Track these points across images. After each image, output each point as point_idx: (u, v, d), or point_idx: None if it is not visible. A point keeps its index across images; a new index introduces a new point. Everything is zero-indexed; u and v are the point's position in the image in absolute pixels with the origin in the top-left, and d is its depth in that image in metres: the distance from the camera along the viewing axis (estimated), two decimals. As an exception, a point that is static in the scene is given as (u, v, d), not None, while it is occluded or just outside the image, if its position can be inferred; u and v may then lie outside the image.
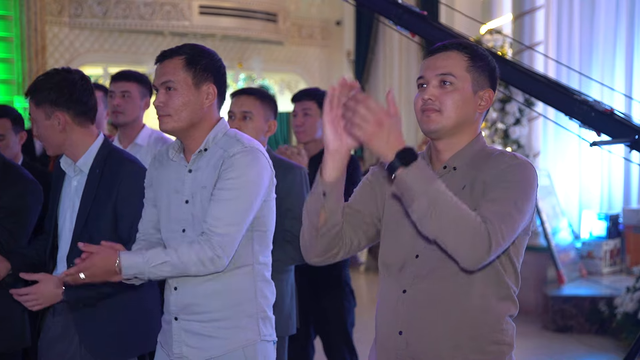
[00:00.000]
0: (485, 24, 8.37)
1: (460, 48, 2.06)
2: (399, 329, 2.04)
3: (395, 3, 4.34)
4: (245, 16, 12.80)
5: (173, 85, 2.35)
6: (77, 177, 2.77)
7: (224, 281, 2.35)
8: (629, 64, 7.96)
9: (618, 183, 8.07)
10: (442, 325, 1.99)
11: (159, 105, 2.36)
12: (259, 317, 2.39)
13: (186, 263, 2.27)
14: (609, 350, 6.00)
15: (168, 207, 2.42)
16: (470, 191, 1.98)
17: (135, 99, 3.78)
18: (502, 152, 2.07)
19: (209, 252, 2.27)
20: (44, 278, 2.56)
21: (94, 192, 2.70)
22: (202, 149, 2.38)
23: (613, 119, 3.94)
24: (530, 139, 8.02)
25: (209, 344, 2.35)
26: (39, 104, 2.71)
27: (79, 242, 2.66)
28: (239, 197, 2.31)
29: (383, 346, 2.10)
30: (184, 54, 2.38)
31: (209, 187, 2.34)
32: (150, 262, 2.27)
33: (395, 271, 2.07)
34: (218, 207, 2.30)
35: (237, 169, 2.31)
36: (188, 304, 2.37)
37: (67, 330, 2.72)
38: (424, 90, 2.04)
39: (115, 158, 2.76)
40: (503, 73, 4.34)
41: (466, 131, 2.07)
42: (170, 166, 2.46)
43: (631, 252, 7.40)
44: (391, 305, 2.07)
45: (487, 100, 2.07)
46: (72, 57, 12.06)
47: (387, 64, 12.93)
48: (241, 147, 2.35)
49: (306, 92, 4.03)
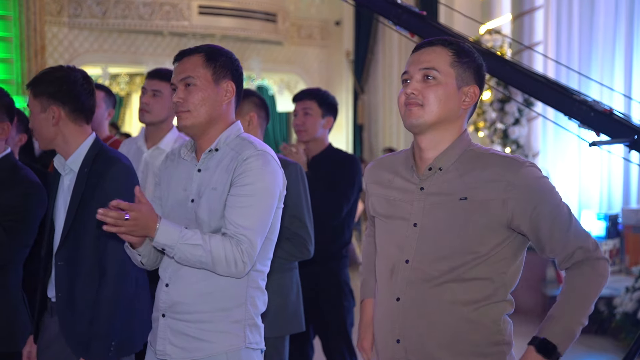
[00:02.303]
0: (485, 24, 8.37)
1: (445, 44, 2.05)
2: (397, 337, 2.03)
3: (394, 3, 4.34)
4: (245, 16, 12.81)
5: (193, 82, 2.35)
6: (69, 176, 2.76)
7: (217, 284, 2.32)
8: (628, 63, 7.96)
9: (617, 183, 8.08)
10: (440, 332, 1.99)
11: (178, 102, 2.35)
12: (247, 324, 2.36)
13: (215, 257, 2.24)
14: (608, 350, 6.00)
15: (173, 205, 2.41)
16: (482, 207, 1.96)
17: (166, 99, 3.65)
18: (494, 153, 2.04)
19: (237, 255, 2.25)
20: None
21: (81, 191, 2.69)
22: (212, 148, 2.37)
23: (612, 119, 3.94)
24: (529, 139, 8.02)
25: (192, 345, 2.33)
26: (37, 96, 2.72)
27: (67, 242, 2.68)
28: (257, 203, 2.29)
29: (382, 354, 2.10)
30: (203, 51, 2.39)
31: (220, 189, 2.32)
32: (185, 238, 2.22)
33: (386, 277, 2.07)
34: (239, 214, 2.27)
35: (252, 175, 2.28)
36: (177, 302, 2.35)
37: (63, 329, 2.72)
38: (408, 85, 2.04)
39: (103, 157, 2.74)
40: (502, 73, 4.36)
41: (449, 127, 2.04)
42: (181, 165, 2.45)
43: (630, 252, 7.40)
44: (387, 313, 2.06)
45: (471, 96, 2.05)
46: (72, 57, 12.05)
47: (387, 64, 12.93)
48: (254, 150, 2.33)
49: (307, 92, 4.03)
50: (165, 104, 3.64)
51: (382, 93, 13.13)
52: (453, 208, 1.98)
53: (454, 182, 2.01)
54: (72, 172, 2.75)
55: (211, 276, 2.31)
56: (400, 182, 2.09)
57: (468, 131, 2.12)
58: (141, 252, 2.35)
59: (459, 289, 1.98)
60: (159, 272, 2.44)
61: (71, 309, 2.69)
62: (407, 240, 2.02)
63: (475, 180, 1.99)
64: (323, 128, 3.91)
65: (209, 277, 2.32)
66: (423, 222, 2.01)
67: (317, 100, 3.90)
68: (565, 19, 8.34)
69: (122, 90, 14.79)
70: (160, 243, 2.23)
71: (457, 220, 1.97)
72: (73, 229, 2.68)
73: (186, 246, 2.23)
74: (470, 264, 1.97)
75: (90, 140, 2.77)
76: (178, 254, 2.24)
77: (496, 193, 1.95)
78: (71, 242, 2.68)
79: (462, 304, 1.97)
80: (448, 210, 1.99)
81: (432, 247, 2.00)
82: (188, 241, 2.22)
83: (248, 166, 2.29)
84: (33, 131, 2.81)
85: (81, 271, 2.69)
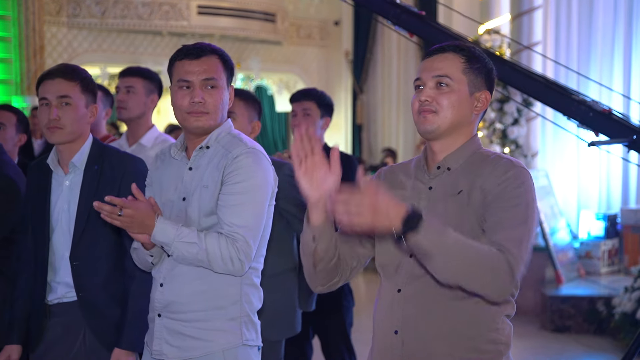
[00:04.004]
0: (484, 24, 8.38)
1: (457, 50, 2.08)
2: (395, 328, 2.04)
3: (393, 3, 4.35)
4: (244, 16, 12.81)
5: (215, 84, 2.35)
6: (70, 176, 2.73)
7: (211, 282, 2.32)
8: (627, 64, 7.97)
9: (616, 183, 8.08)
10: (438, 324, 2.00)
11: (199, 102, 2.32)
12: (243, 321, 2.36)
13: (211, 254, 2.25)
14: (607, 350, 6.00)
15: (164, 204, 2.40)
16: (468, 197, 1.99)
17: (139, 94, 3.72)
18: (498, 155, 2.07)
19: (233, 252, 2.26)
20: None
21: (94, 188, 2.68)
22: (203, 145, 2.37)
23: (611, 119, 3.94)
24: (528, 139, 8.02)
25: (188, 344, 2.33)
26: (84, 91, 2.74)
27: (82, 241, 2.65)
28: (249, 201, 2.30)
29: (380, 345, 2.11)
30: (218, 53, 2.39)
31: (212, 187, 2.32)
32: (181, 236, 2.23)
33: (391, 272, 2.08)
34: (232, 213, 2.28)
35: (243, 172, 2.29)
36: (172, 302, 2.35)
37: (69, 329, 2.70)
38: (421, 91, 2.06)
39: (113, 154, 2.76)
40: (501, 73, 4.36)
41: (462, 132, 2.08)
42: (171, 164, 2.45)
43: (629, 252, 7.41)
44: (387, 304, 2.08)
45: (483, 101, 2.08)
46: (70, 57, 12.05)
47: (386, 64, 12.94)
48: (244, 148, 2.33)
49: (305, 93, 4.03)
50: (140, 98, 3.72)
51: (381, 93, 13.13)
52: (451, 202, 2.01)
53: (456, 179, 2.04)
54: (77, 172, 2.73)
55: (205, 275, 2.32)
56: (412, 182, 2.12)
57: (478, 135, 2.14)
58: (153, 253, 2.37)
59: None
60: (152, 272, 2.44)
61: (97, 306, 2.68)
62: None
63: (472, 176, 2.02)
64: (321, 129, 3.91)
65: (203, 276, 2.32)
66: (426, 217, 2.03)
67: (316, 101, 3.90)
68: (564, 19, 8.35)
69: (121, 90, 14.77)
70: (158, 240, 2.25)
71: (453, 213, 1.99)
72: (88, 228, 2.67)
73: (182, 244, 2.24)
74: None
75: (91, 139, 2.78)
76: (175, 252, 2.26)
77: (479, 183, 1.98)
78: (88, 240, 2.67)
79: (462, 298, 1.98)
80: (446, 204, 2.02)
81: None
82: (184, 239, 2.24)
83: (239, 164, 2.30)
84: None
85: (103, 267, 2.69)
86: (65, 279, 2.70)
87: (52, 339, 2.72)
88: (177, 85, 2.37)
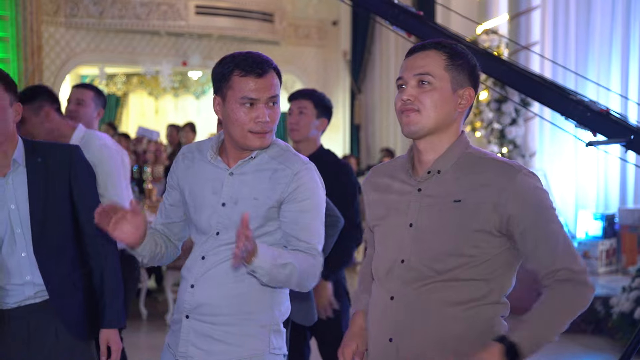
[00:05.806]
0: (482, 24, 8.39)
1: (438, 47, 2.04)
2: (389, 335, 2.03)
3: (391, 3, 4.35)
4: (242, 16, 12.81)
5: (278, 101, 2.35)
6: (12, 175, 2.63)
7: (245, 287, 2.28)
8: (624, 64, 7.97)
9: (614, 183, 8.09)
10: (431, 331, 1.98)
11: (267, 121, 2.27)
12: (272, 330, 2.32)
13: (303, 271, 2.21)
14: (605, 350, 6.00)
15: (202, 207, 2.34)
16: (475, 212, 1.96)
17: (88, 107, 4.07)
18: (493, 158, 2.04)
19: (318, 267, 2.27)
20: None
21: (44, 180, 2.64)
22: (252, 156, 2.31)
23: (609, 119, 3.94)
24: (526, 139, 8.03)
25: (216, 348, 2.29)
26: None
27: (43, 236, 2.61)
28: (317, 216, 2.30)
29: (375, 353, 2.10)
30: (274, 68, 2.39)
31: (262, 200, 2.27)
32: (278, 259, 2.14)
33: (382, 276, 2.07)
34: (307, 232, 2.27)
35: (306, 189, 2.27)
36: (202, 304, 2.29)
37: (37, 330, 2.64)
38: (403, 90, 2.03)
39: (45, 146, 2.75)
40: (499, 73, 4.36)
41: (447, 130, 2.04)
42: (204, 167, 2.37)
43: (627, 252, 7.42)
44: (380, 311, 2.07)
45: (467, 98, 2.04)
46: (68, 57, 12.05)
47: (384, 64, 12.95)
48: (302, 164, 2.30)
49: (303, 92, 4.02)
50: (87, 110, 4.08)
51: (379, 93, 13.14)
52: (447, 210, 1.98)
53: (450, 184, 2.01)
54: (18, 169, 2.63)
55: (240, 279, 2.27)
56: (398, 185, 2.09)
57: (466, 132, 2.12)
58: (141, 254, 2.33)
59: (453, 289, 1.98)
60: (182, 272, 2.40)
61: (65, 296, 2.66)
62: (403, 241, 2.02)
63: (470, 183, 1.99)
64: (316, 129, 3.89)
65: (238, 280, 2.28)
66: (418, 222, 2.02)
67: (313, 100, 3.89)
68: (562, 19, 8.35)
69: (119, 90, 14.74)
70: (257, 265, 2.11)
71: (450, 222, 1.97)
72: (47, 219, 2.63)
73: (278, 267, 2.15)
74: (464, 266, 1.97)
75: (19, 137, 2.72)
76: (268, 277, 2.16)
77: (489, 197, 1.95)
78: (49, 233, 2.64)
79: (455, 303, 1.97)
80: (442, 211, 1.99)
81: (426, 247, 2.00)
82: (281, 260, 2.16)
83: (301, 181, 2.27)
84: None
85: (70, 256, 2.69)
86: (27, 278, 2.62)
87: (13, 344, 2.63)
88: (240, 102, 2.27)
